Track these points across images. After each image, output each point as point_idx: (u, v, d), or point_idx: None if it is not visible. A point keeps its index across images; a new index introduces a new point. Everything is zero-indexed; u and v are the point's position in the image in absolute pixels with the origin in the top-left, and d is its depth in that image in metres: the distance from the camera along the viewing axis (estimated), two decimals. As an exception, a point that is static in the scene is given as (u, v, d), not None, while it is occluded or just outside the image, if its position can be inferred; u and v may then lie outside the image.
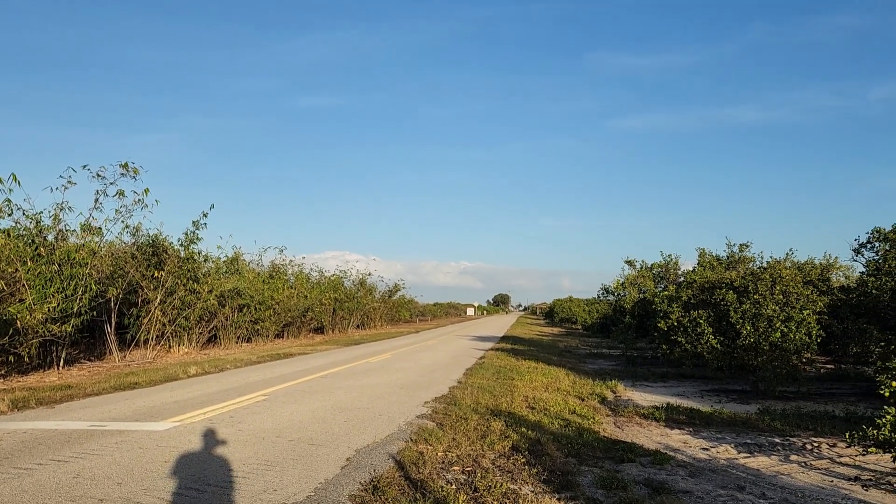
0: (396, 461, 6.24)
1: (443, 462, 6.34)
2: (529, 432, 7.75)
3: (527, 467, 6.26)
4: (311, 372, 14.00)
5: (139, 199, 16.70)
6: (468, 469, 6.17)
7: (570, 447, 7.21)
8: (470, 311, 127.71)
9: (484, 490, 5.36)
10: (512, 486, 5.63)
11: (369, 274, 43.12)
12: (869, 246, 12.42)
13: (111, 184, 16.15)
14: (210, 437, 6.96)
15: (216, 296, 21.80)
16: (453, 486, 5.49)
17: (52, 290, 14.34)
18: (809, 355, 11.76)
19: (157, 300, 18.83)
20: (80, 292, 15.26)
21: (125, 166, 16.25)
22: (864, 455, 6.89)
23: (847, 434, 6.57)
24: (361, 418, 8.43)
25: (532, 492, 5.52)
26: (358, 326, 42.03)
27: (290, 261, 33.26)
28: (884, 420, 6.18)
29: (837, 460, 7.28)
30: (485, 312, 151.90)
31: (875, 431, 6.22)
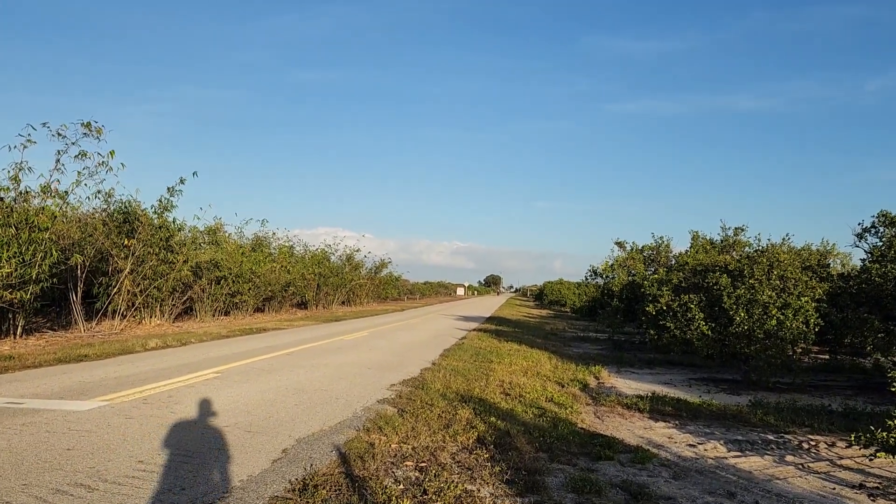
0: (341, 454, 5.46)
1: (395, 456, 5.57)
2: (499, 422, 6.98)
3: (490, 464, 5.49)
4: (278, 348, 13.21)
5: (103, 162, 15.75)
6: (423, 465, 5.39)
7: (542, 440, 6.44)
8: (460, 291, 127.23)
9: (434, 493, 4.59)
10: (469, 487, 4.86)
11: (357, 250, 42.30)
12: (873, 231, 11.66)
13: (73, 143, 15.19)
14: (133, 421, 6.15)
15: (191, 267, 20.94)
16: (400, 487, 4.72)
17: (7, 254, 13.45)
18: (806, 345, 11.03)
19: (128, 269, 17.95)
20: (39, 258, 14.35)
21: (88, 126, 15.28)
22: (871, 460, 6.16)
23: (852, 436, 5.82)
24: (315, 401, 7.64)
25: (491, 494, 4.75)
26: (343, 303, 41.26)
27: (273, 233, 32.39)
28: (894, 422, 5.44)
29: (838, 462, 6.55)
30: (475, 293, 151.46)
31: (884, 434, 5.48)
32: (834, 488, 5.63)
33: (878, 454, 5.58)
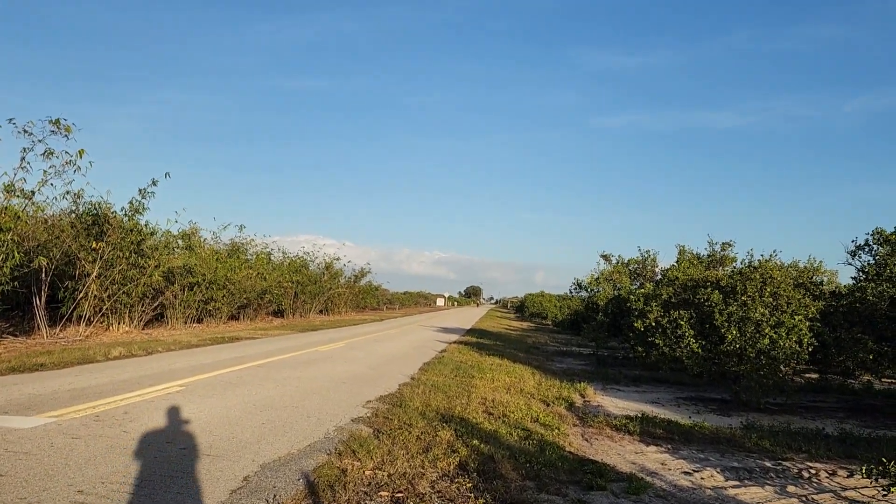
0: (309, 483, 4.93)
1: (369, 485, 5.04)
2: (482, 445, 6.48)
3: (473, 494, 4.99)
4: (249, 359, 12.59)
5: (71, 161, 15.03)
6: (399, 495, 4.88)
7: (529, 467, 5.94)
8: (440, 302, 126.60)
9: (411, 532, 4.08)
10: (450, 524, 4.37)
11: (337, 258, 41.61)
12: (867, 248, 11.37)
13: (39, 141, 14.48)
14: (79, 442, 5.56)
15: (163, 272, 20.21)
16: (373, 523, 4.20)
17: (-36, 255, 12.74)
18: (797, 365, 10.68)
19: (95, 273, 17.21)
20: (-1, 260, 13.61)
21: (56, 123, 14.56)
22: (884, 496, 5.74)
23: (862, 468, 5.41)
24: (284, 420, 7.09)
25: (475, 533, 4.26)
26: (321, 311, 40.51)
27: (251, 239, 31.65)
28: (911, 454, 5.04)
29: (842, 494, 6.14)
30: (455, 304, 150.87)
31: (899, 467, 5.08)
32: (844, 525, 5.20)
33: (892, 489, 5.17)
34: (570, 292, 21.94)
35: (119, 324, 19.37)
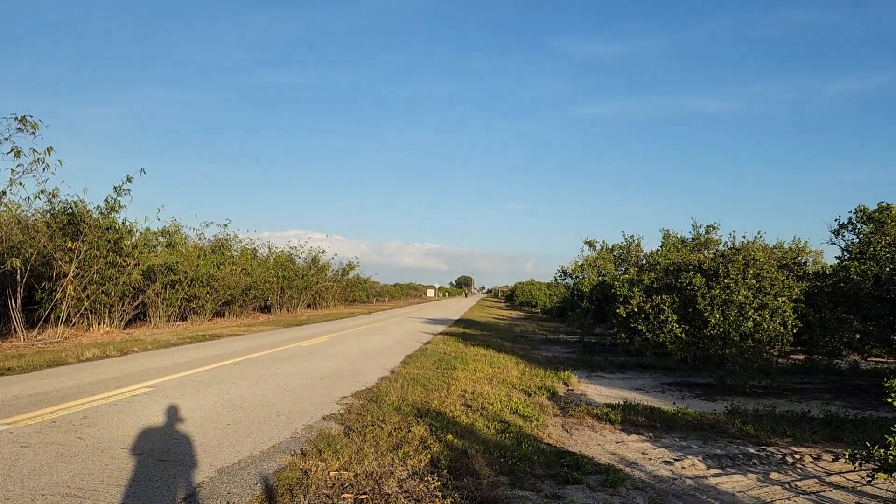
0: (267, 487, 4.69)
1: (332, 486, 4.81)
2: (456, 441, 6.26)
3: (441, 493, 4.77)
4: (227, 357, 12.32)
5: (39, 159, 14.64)
6: (363, 497, 4.65)
7: (503, 461, 5.72)
8: (430, 293, 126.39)
9: (369, 537, 3.85)
10: (414, 526, 4.14)
11: (322, 252, 41.26)
12: (850, 227, 11.21)
13: (5, 139, 14.10)
14: (28, 451, 5.27)
15: (142, 270, 19.84)
16: (331, 529, 3.97)
17: (-70, 258, 12.37)
18: (783, 347, 10.51)
19: (72, 273, 16.86)
20: (-31, 262, 13.25)
21: (22, 120, 14.17)
22: (868, 482, 5.56)
23: (847, 453, 5.22)
24: (252, 419, 6.84)
25: (439, 535, 4.03)
26: (309, 306, 40.20)
27: (236, 235, 31.27)
28: (895, 438, 4.84)
29: (827, 480, 5.96)
30: (446, 294, 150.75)
31: (882, 451, 4.88)
32: (827, 513, 5.02)
33: (876, 475, 4.98)
34: (556, 279, 21.73)
35: (99, 324, 19.03)
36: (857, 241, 11.12)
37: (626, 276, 14.00)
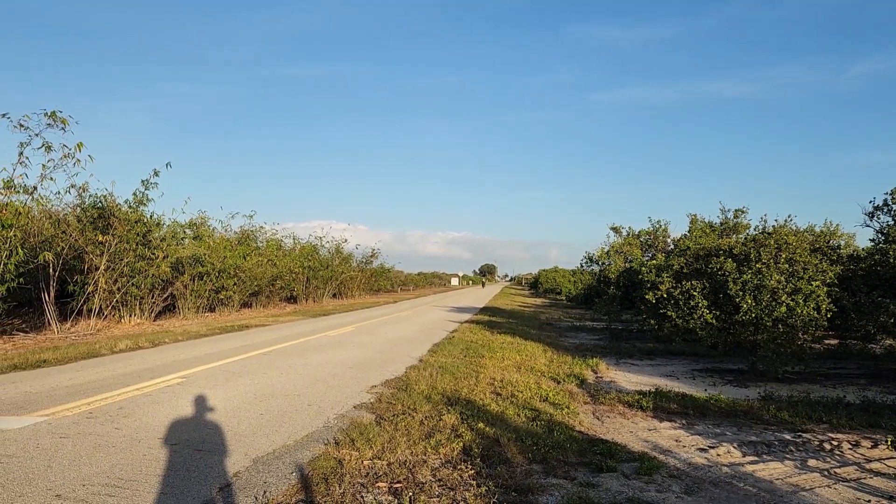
0: (302, 476, 4.72)
1: (366, 475, 4.83)
2: (488, 429, 6.25)
3: (475, 482, 4.76)
4: (256, 347, 12.44)
5: (69, 154, 14.83)
6: (397, 485, 4.66)
7: (536, 449, 5.69)
8: (454, 281, 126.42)
9: (406, 526, 3.85)
10: (449, 515, 4.14)
11: (345, 241, 41.41)
12: (886, 209, 10.93)
13: (36, 135, 14.30)
14: (67, 441, 5.37)
15: (171, 262, 20.10)
16: (367, 518, 3.98)
17: (-34, 254, 12.64)
18: (817, 332, 10.31)
19: (103, 266, 17.14)
20: (3, 256, 13.50)
21: (52, 116, 14.34)
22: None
23: (890, 439, 5.11)
24: (284, 409, 6.89)
25: (475, 524, 4.02)
26: (334, 296, 40.45)
27: (261, 227, 31.51)
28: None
29: (867, 467, 5.84)
30: (470, 282, 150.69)
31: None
32: (869, 501, 4.91)
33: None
34: (582, 266, 21.56)
35: (130, 316, 19.33)
36: (894, 223, 10.84)
37: (654, 261, 13.83)
